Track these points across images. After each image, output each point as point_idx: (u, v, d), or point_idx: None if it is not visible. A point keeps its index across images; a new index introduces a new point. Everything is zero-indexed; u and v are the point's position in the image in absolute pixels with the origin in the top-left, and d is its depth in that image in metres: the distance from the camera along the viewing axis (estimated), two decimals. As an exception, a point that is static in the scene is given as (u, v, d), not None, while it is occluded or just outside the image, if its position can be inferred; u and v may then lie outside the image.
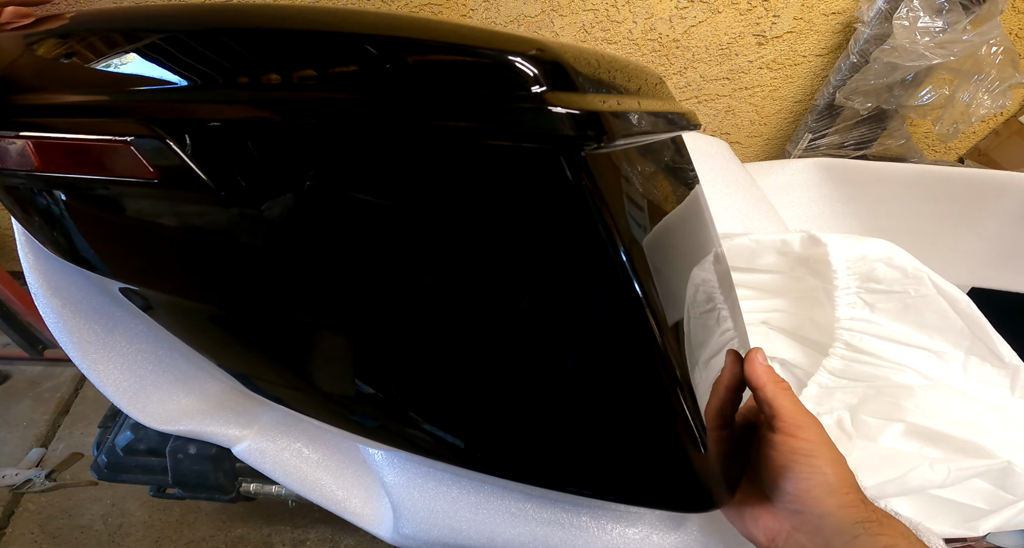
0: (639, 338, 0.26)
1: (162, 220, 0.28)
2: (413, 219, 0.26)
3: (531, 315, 0.27)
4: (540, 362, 0.29)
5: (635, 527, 0.41)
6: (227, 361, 0.37)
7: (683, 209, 0.38)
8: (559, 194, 0.24)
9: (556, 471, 0.32)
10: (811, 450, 0.30)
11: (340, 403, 0.35)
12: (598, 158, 0.24)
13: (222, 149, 0.25)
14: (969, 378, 0.53)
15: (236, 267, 0.29)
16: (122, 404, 0.40)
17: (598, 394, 0.29)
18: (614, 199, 0.25)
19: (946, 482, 0.42)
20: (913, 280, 0.53)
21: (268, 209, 0.26)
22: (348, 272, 0.28)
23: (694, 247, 0.38)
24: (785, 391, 0.33)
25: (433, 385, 0.31)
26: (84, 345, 0.38)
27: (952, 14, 0.83)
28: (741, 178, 0.74)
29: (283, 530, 0.93)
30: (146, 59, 0.26)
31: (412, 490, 0.41)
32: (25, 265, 0.35)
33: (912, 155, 1.07)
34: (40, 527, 0.93)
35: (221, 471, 0.58)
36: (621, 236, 0.24)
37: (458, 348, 0.30)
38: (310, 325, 0.31)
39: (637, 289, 0.25)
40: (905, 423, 0.49)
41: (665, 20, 0.91)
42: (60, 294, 0.37)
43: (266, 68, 0.25)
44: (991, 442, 0.46)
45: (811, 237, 0.56)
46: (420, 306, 0.28)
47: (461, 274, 0.27)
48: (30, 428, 1.05)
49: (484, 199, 0.25)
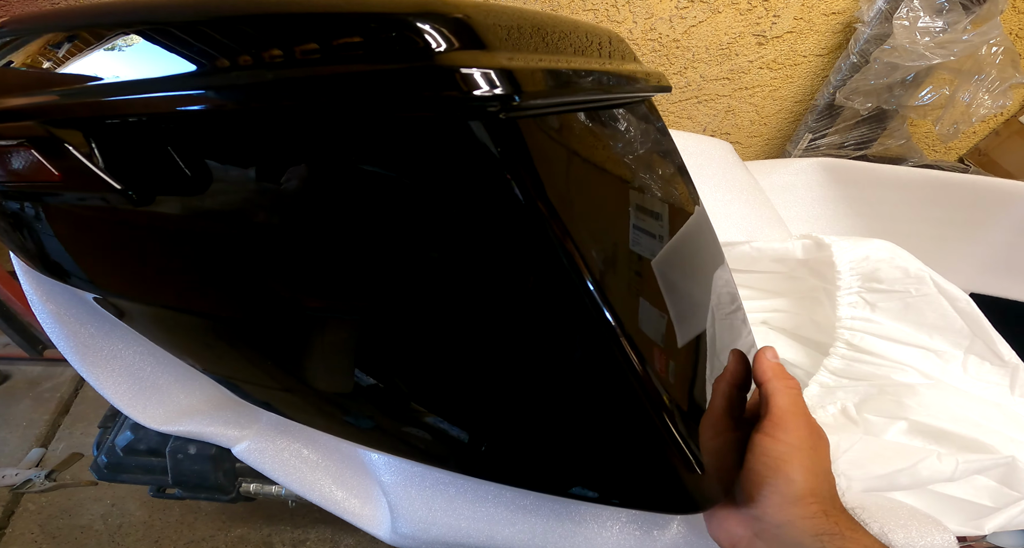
0: (596, 352, 0.24)
1: (93, 224, 0.27)
2: (345, 207, 0.24)
3: (487, 315, 0.25)
4: (509, 364, 0.27)
5: (635, 523, 0.41)
6: (208, 367, 0.36)
7: (678, 202, 0.37)
8: (482, 169, 0.21)
9: (546, 477, 0.32)
10: (784, 455, 0.29)
11: (322, 405, 0.35)
12: (526, 126, 0.21)
13: (119, 146, 0.24)
14: (969, 376, 0.53)
15: (179, 268, 0.28)
16: (121, 405, 0.40)
17: (578, 403, 0.27)
18: (550, 173, 0.22)
19: (955, 475, 0.43)
20: (915, 280, 0.53)
21: (183, 207, 0.25)
22: (291, 264, 0.26)
23: (700, 246, 0.37)
24: (787, 389, 0.32)
25: (419, 384, 0.31)
26: (81, 348, 0.38)
27: (952, 14, 0.83)
28: (744, 182, 0.74)
29: (283, 530, 0.93)
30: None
31: (409, 489, 0.41)
32: (19, 270, 0.35)
33: (912, 155, 1.07)
34: (40, 527, 0.93)
35: (221, 471, 0.58)
36: (563, 219, 0.21)
37: (422, 347, 0.28)
38: (266, 321, 0.30)
39: (590, 289, 0.22)
40: (908, 421, 0.50)
41: (665, 20, 0.91)
42: (55, 299, 0.36)
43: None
44: (994, 439, 0.46)
45: (815, 242, 0.56)
46: (380, 299, 0.26)
47: (399, 268, 0.25)
48: (30, 428, 1.05)
49: (410, 180, 0.22)
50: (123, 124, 0.23)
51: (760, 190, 0.75)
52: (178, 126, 0.23)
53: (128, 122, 0.23)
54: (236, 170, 0.24)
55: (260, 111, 0.21)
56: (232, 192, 0.24)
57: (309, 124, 0.22)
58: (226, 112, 0.22)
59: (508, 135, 0.20)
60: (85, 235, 0.29)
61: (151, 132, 0.23)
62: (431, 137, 0.21)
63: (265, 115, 0.22)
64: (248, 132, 0.23)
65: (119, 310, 0.33)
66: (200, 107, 0.21)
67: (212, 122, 0.22)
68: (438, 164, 0.21)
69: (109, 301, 0.33)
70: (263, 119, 0.22)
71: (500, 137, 0.20)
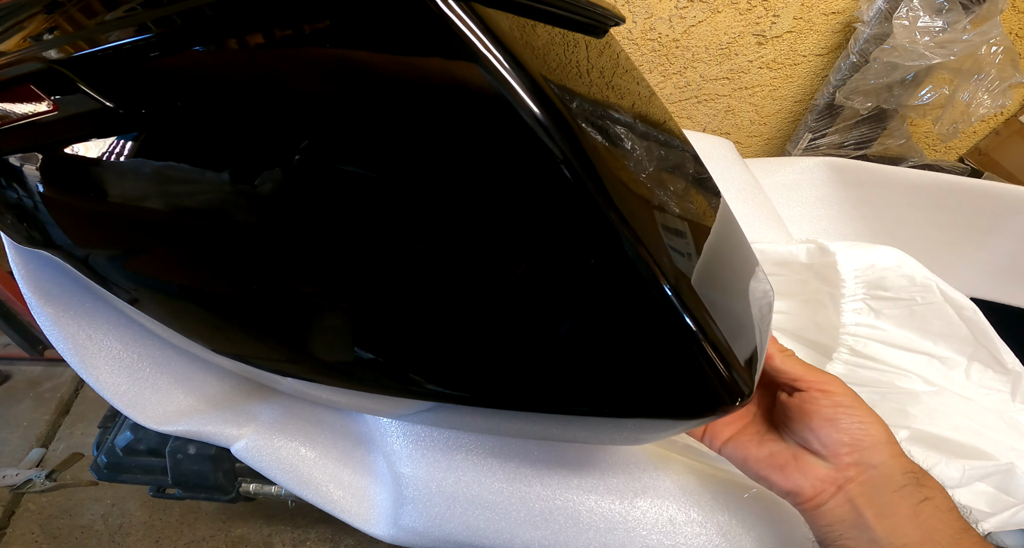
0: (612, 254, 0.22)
1: (96, 169, 0.27)
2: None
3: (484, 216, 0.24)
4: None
5: (662, 531, 0.40)
6: (220, 341, 0.35)
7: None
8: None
9: (563, 389, 0.28)
10: (852, 403, 0.31)
11: (342, 351, 0.32)
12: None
13: (104, 74, 0.24)
14: (971, 383, 0.53)
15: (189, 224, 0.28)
16: (120, 406, 0.40)
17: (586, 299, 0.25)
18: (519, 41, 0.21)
19: (962, 481, 0.43)
20: (921, 288, 0.53)
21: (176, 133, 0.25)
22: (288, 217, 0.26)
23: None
24: (792, 356, 0.33)
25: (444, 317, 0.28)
26: (80, 349, 0.38)
27: (952, 14, 0.83)
28: (744, 182, 0.74)
29: (283, 530, 0.93)
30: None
31: (431, 484, 0.41)
32: (16, 273, 0.35)
33: (912, 155, 1.07)
34: (40, 527, 0.93)
35: (221, 471, 0.58)
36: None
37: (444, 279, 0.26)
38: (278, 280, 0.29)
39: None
40: (910, 430, 0.50)
41: (665, 20, 0.91)
42: (53, 301, 0.36)
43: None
44: (994, 447, 0.46)
45: (819, 247, 0.56)
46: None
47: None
48: (30, 428, 1.05)
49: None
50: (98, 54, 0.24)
51: (760, 190, 0.74)
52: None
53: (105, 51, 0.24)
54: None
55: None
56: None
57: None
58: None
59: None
60: (88, 197, 0.29)
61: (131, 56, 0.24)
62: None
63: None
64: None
65: (131, 294, 0.33)
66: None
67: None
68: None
69: (123, 286, 0.33)
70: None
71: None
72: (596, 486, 0.41)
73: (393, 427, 0.43)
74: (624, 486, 0.41)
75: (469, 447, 0.42)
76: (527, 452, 0.42)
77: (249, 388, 0.46)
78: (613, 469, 0.42)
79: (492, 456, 0.41)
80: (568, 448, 0.42)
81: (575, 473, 0.41)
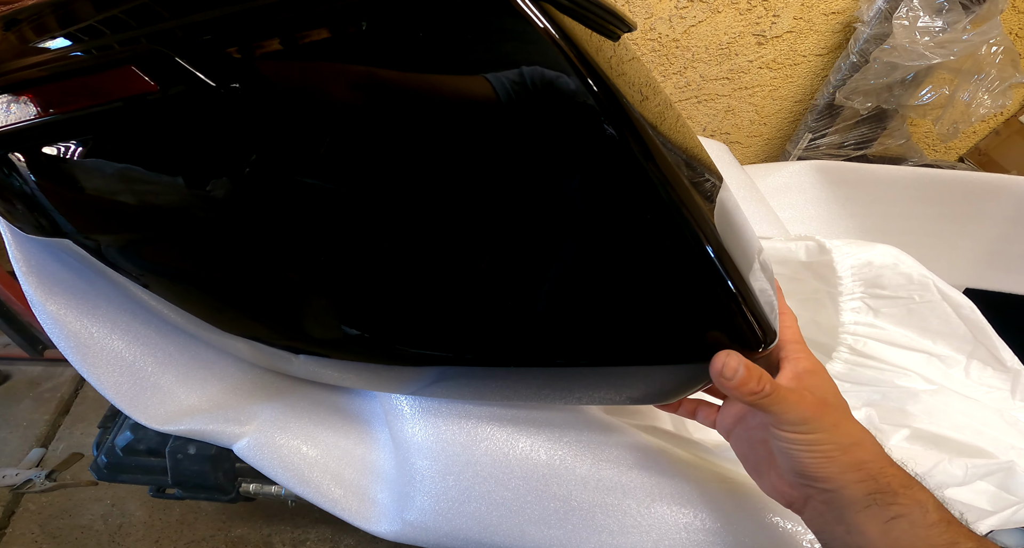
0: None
1: (166, 155, 0.29)
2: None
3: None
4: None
5: (673, 537, 0.40)
6: (233, 319, 0.36)
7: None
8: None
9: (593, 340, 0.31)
10: (817, 441, 0.29)
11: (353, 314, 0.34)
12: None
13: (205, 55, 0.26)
14: (971, 382, 0.53)
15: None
16: (121, 405, 0.40)
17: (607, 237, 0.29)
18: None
19: (965, 479, 0.43)
20: (918, 286, 0.53)
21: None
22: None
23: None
24: (795, 340, 0.33)
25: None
26: (82, 348, 0.38)
27: (952, 14, 0.83)
28: (741, 182, 0.74)
29: (283, 530, 0.93)
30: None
31: (447, 477, 0.41)
32: (19, 271, 0.35)
33: (912, 155, 1.07)
34: (40, 527, 0.93)
35: (221, 471, 0.58)
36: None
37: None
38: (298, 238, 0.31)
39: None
40: (911, 429, 0.50)
41: (665, 20, 0.91)
42: (55, 299, 0.37)
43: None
44: (994, 445, 0.46)
45: (817, 245, 0.56)
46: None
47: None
48: (30, 428, 1.05)
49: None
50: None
51: (757, 189, 0.75)
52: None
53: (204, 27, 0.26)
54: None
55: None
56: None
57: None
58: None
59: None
60: (126, 183, 0.30)
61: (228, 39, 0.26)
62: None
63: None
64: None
65: (145, 278, 0.33)
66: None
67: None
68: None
69: (137, 273, 0.33)
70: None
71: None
72: (614, 487, 0.41)
73: (415, 420, 0.42)
74: (643, 489, 0.41)
75: (490, 442, 0.42)
76: (547, 450, 0.41)
77: (251, 388, 0.46)
78: (634, 470, 0.41)
79: (512, 452, 0.41)
80: (589, 447, 0.42)
81: (594, 473, 0.41)
